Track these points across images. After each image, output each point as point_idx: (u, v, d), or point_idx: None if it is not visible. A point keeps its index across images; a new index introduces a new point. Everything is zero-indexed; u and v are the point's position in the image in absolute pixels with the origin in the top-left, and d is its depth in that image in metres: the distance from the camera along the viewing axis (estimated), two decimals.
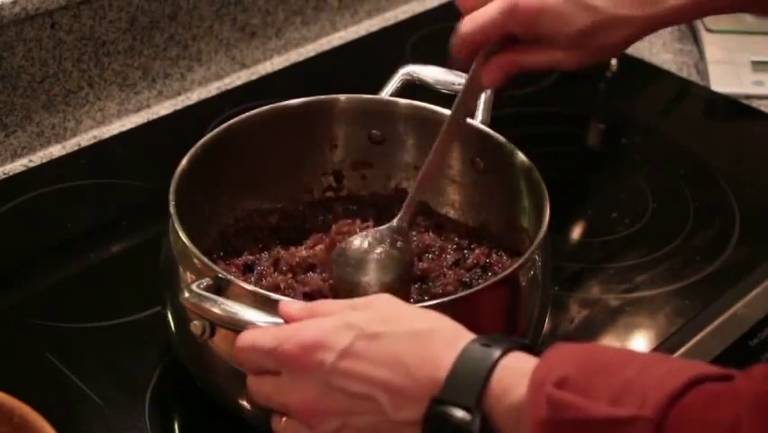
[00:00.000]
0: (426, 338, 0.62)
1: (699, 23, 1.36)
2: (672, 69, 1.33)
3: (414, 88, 0.94)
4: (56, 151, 1.15)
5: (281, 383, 0.66)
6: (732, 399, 0.53)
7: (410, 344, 0.62)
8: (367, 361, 0.62)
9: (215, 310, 0.70)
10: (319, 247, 0.87)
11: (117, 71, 1.18)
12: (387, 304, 0.66)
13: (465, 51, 0.83)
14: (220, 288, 0.73)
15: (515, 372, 0.59)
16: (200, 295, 0.71)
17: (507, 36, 0.82)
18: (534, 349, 0.62)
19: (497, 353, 0.59)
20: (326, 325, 0.64)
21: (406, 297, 0.82)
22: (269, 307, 0.69)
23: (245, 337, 0.68)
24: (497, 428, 0.58)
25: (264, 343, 0.66)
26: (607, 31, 0.80)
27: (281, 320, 0.68)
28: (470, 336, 0.63)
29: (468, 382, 0.59)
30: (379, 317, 0.64)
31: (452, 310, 0.72)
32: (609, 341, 0.93)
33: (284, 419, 0.67)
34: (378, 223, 0.92)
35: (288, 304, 0.69)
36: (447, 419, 0.58)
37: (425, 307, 0.72)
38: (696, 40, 1.37)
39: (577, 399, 0.54)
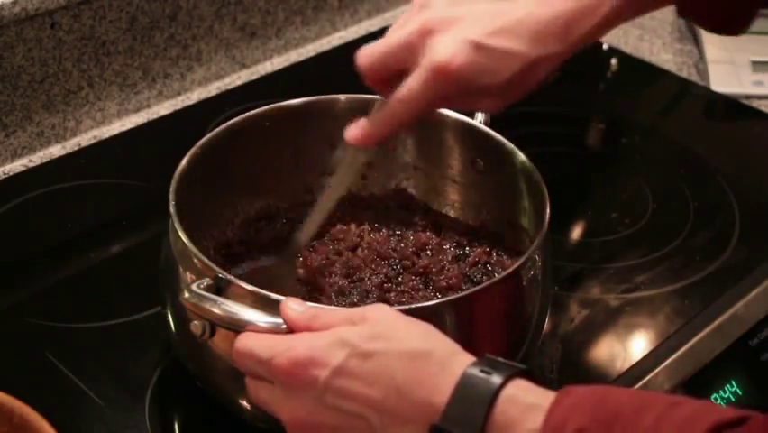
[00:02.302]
0: (422, 359, 0.62)
1: None
2: (672, 69, 1.33)
3: None
4: (56, 151, 1.15)
5: (275, 393, 0.66)
6: None
7: (405, 364, 0.62)
8: (360, 380, 0.62)
9: (215, 310, 0.70)
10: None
11: (117, 71, 1.18)
12: (383, 317, 0.66)
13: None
14: (220, 288, 0.72)
15: (518, 404, 0.58)
16: (200, 295, 0.71)
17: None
18: (532, 374, 0.61)
19: (497, 381, 0.59)
20: (320, 341, 0.64)
21: None
22: (270, 307, 0.69)
23: (243, 342, 0.67)
24: None
25: (259, 352, 0.66)
26: (530, 72, 0.78)
27: (281, 320, 0.68)
28: (467, 357, 0.62)
29: (469, 411, 0.58)
30: (374, 333, 0.64)
31: (453, 309, 0.72)
32: (609, 341, 0.93)
33: None
34: (376, 225, 0.92)
35: (289, 305, 0.68)
36: None
37: (427, 307, 0.72)
38: (696, 40, 1.37)
39: None
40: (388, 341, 0.63)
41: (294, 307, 0.68)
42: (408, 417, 0.61)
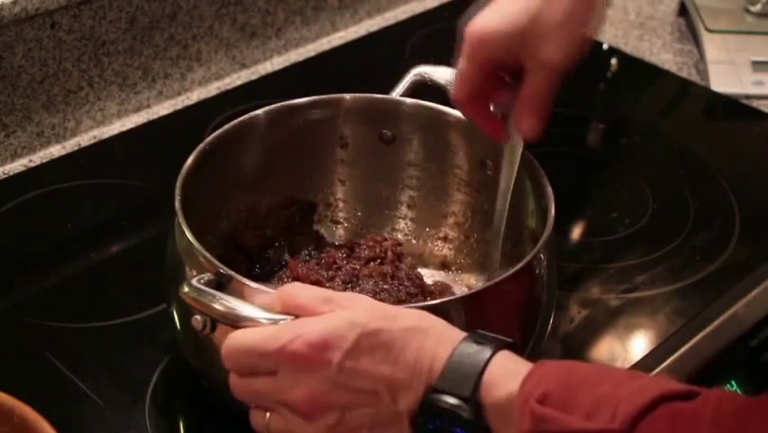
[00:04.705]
0: (423, 334, 0.66)
1: (699, 23, 1.36)
2: (672, 69, 1.33)
3: (422, 88, 0.94)
4: (56, 151, 1.15)
5: (280, 381, 0.66)
6: (693, 418, 0.58)
7: (409, 339, 0.65)
8: (371, 358, 0.65)
9: (214, 305, 0.70)
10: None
11: (117, 71, 1.18)
12: (370, 302, 0.68)
13: (469, 108, 0.85)
14: (221, 283, 0.72)
15: (503, 369, 0.64)
16: (199, 289, 0.71)
17: (496, 73, 0.83)
18: (517, 347, 0.66)
19: (489, 350, 0.64)
20: (330, 323, 0.65)
21: None
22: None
23: (236, 340, 0.67)
24: (484, 415, 0.64)
25: (262, 345, 0.66)
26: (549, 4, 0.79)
27: (279, 317, 0.68)
28: (461, 332, 0.67)
29: (464, 374, 0.64)
30: (377, 315, 0.66)
31: (462, 307, 0.73)
32: (609, 341, 0.93)
33: (268, 414, 0.68)
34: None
35: (261, 298, 0.70)
36: (443, 405, 0.63)
37: (434, 306, 0.73)
38: (696, 40, 1.37)
39: (556, 413, 0.60)
40: (392, 320, 0.66)
41: (266, 297, 0.70)
42: (413, 385, 0.65)
